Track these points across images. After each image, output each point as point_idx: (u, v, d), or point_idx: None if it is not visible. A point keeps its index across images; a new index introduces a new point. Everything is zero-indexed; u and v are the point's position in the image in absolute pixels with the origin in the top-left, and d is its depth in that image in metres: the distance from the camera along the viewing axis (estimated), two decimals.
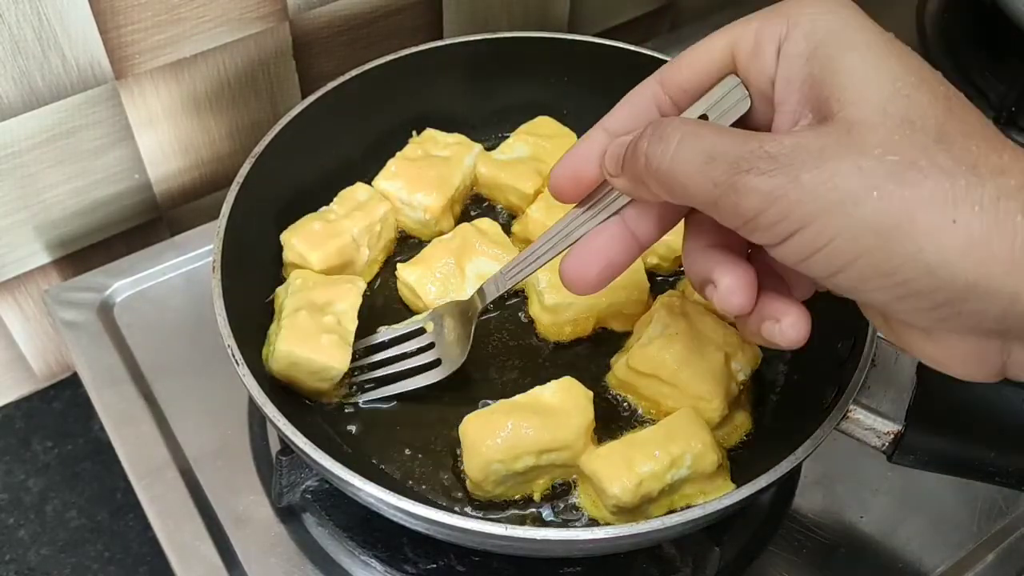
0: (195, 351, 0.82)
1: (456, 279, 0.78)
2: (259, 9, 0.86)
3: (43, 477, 0.92)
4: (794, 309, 0.51)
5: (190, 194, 0.96)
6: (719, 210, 0.47)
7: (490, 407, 0.69)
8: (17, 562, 0.87)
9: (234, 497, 0.75)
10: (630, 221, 0.56)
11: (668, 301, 0.75)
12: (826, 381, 0.69)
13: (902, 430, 0.65)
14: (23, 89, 0.77)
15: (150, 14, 0.80)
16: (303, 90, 0.96)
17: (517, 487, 0.69)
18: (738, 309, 0.51)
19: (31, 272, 0.90)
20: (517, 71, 0.91)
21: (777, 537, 0.76)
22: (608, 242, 0.56)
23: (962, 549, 0.76)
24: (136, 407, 0.79)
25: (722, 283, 0.51)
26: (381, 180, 0.83)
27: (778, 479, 0.61)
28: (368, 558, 0.72)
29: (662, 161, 0.48)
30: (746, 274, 0.51)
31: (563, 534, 0.59)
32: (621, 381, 0.75)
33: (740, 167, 0.45)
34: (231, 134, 0.94)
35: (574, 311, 0.77)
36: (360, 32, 0.95)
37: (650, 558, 0.71)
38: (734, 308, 0.51)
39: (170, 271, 0.88)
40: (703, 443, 0.67)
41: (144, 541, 0.88)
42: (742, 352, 0.73)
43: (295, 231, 0.78)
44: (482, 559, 0.71)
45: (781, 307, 0.51)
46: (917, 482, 0.78)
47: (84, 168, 0.86)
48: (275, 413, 0.62)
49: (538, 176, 0.85)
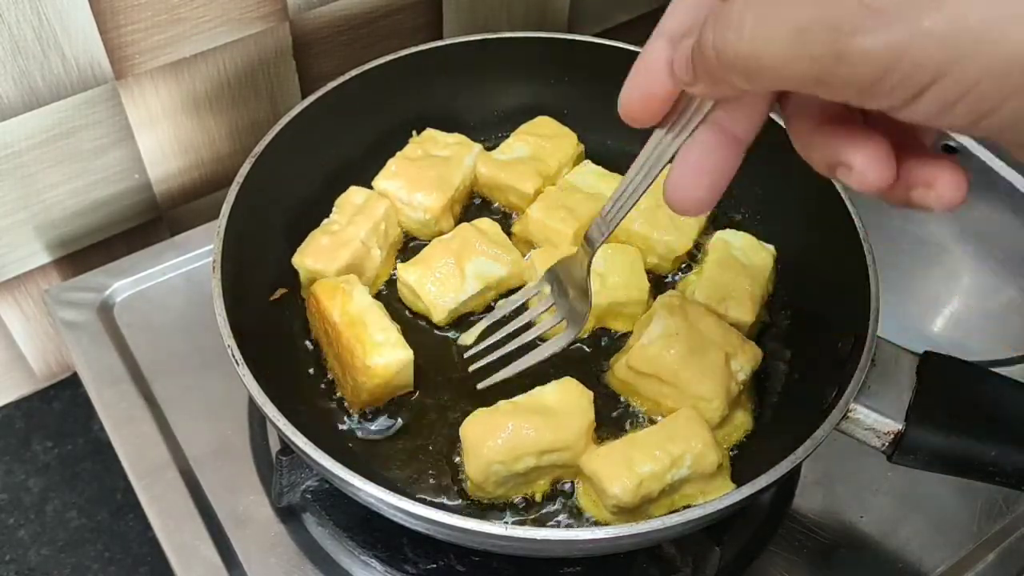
0: (195, 351, 0.82)
1: (456, 279, 0.78)
2: (259, 9, 0.86)
3: (43, 477, 0.92)
4: (946, 170, 0.46)
5: (190, 194, 0.96)
6: (825, 86, 0.41)
7: (491, 408, 0.69)
8: (17, 562, 0.87)
9: (234, 497, 0.75)
10: (723, 123, 0.50)
11: (668, 301, 0.75)
12: (826, 381, 0.69)
13: (902, 430, 0.65)
14: (23, 89, 0.77)
15: (150, 14, 0.80)
16: (303, 90, 0.96)
17: (518, 488, 0.69)
18: (882, 184, 0.46)
19: (31, 272, 0.90)
20: (517, 71, 0.91)
21: (777, 537, 0.76)
22: (706, 153, 0.51)
23: (962, 549, 0.76)
24: (136, 407, 0.79)
25: (856, 162, 0.45)
26: (381, 180, 0.83)
27: (778, 479, 0.61)
28: (368, 558, 0.72)
29: (739, 49, 0.42)
30: (878, 145, 0.45)
31: (563, 534, 0.59)
32: (621, 381, 0.75)
33: (841, 31, 0.38)
34: (231, 134, 0.94)
35: None
36: (360, 32, 0.95)
37: (650, 558, 0.71)
38: (876, 185, 0.46)
39: (170, 271, 0.88)
40: (703, 443, 0.67)
41: (144, 541, 0.88)
42: (742, 352, 0.73)
43: (305, 252, 0.78)
44: (482, 559, 0.71)
45: (929, 171, 0.46)
46: (917, 482, 0.78)
47: (84, 168, 0.86)
48: (275, 413, 0.62)
49: (538, 176, 0.85)
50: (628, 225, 0.82)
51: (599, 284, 0.77)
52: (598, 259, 0.79)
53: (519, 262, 0.81)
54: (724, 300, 0.77)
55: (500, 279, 0.80)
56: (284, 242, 0.80)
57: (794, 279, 0.82)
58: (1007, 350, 0.90)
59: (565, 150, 0.88)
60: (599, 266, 0.78)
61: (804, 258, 0.81)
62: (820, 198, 0.78)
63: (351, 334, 0.71)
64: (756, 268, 0.80)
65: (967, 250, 0.99)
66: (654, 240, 0.82)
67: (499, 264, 0.80)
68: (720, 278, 0.78)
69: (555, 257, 0.78)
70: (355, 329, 0.71)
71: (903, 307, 0.93)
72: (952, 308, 0.94)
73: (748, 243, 0.82)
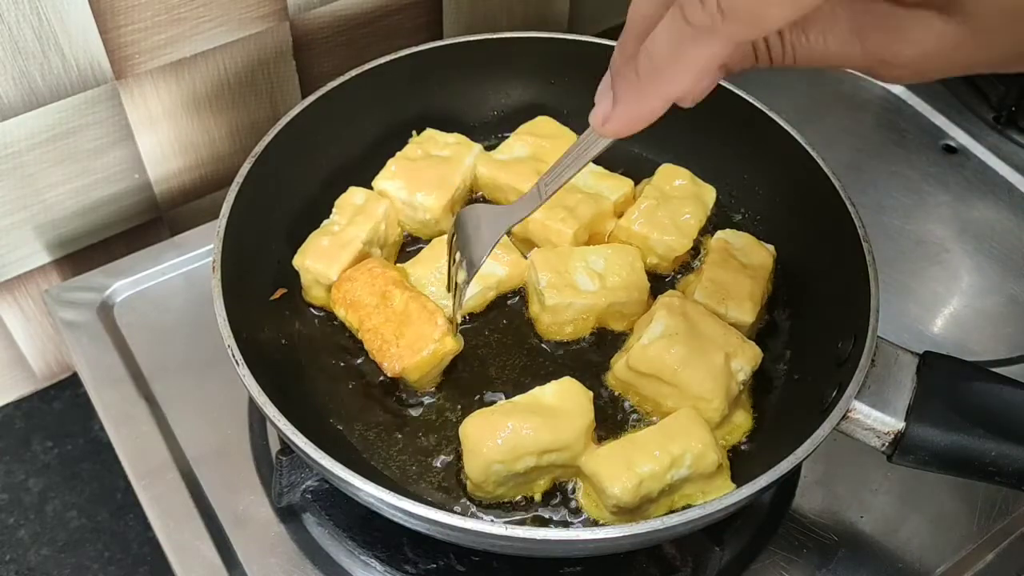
0: (195, 351, 0.82)
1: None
2: (259, 9, 0.86)
3: (43, 477, 0.92)
4: None
5: (190, 194, 0.96)
6: None
7: (490, 408, 0.69)
8: (17, 562, 0.87)
9: (234, 497, 0.75)
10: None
11: (668, 301, 0.75)
12: (826, 381, 0.69)
13: (902, 430, 0.65)
14: (23, 89, 0.77)
15: (150, 14, 0.80)
16: (303, 90, 0.96)
17: (518, 488, 0.69)
18: None
19: (31, 272, 0.90)
20: (517, 71, 0.91)
21: (777, 537, 0.76)
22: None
23: (962, 549, 0.76)
24: (136, 407, 0.79)
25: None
26: (381, 180, 0.83)
27: (778, 479, 0.61)
28: (368, 558, 0.72)
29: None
30: None
31: (563, 534, 0.59)
32: (621, 381, 0.75)
33: None
34: (231, 134, 0.94)
35: (574, 311, 0.77)
36: (360, 32, 0.95)
37: (650, 558, 0.71)
38: None
39: (170, 271, 0.88)
40: (703, 443, 0.67)
41: (144, 541, 0.88)
42: (742, 352, 0.73)
43: (305, 253, 0.78)
44: (482, 559, 0.71)
45: None
46: (917, 482, 0.78)
47: (84, 168, 0.86)
48: (275, 413, 0.62)
49: (538, 176, 0.85)
50: (628, 225, 0.82)
51: (599, 284, 0.77)
52: (598, 259, 0.79)
53: (519, 262, 0.81)
54: (724, 300, 0.77)
55: (500, 280, 0.80)
56: (284, 242, 0.80)
57: (794, 279, 0.82)
58: (1007, 350, 0.91)
59: (565, 150, 0.88)
60: (599, 266, 0.78)
61: (804, 258, 0.81)
62: (820, 198, 0.78)
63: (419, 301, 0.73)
64: (756, 268, 0.80)
65: (967, 250, 0.99)
66: (654, 240, 0.82)
67: (499, 264, 0.80)
68: (720, 278, 0.78)
69: (555, 257, 0.79)
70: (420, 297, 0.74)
71: (903, 307, 0.93)
72: (952, 308, 0.94)
73: (748, 243, 0.82)
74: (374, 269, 0.76)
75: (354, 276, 0.76)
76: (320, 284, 0.78)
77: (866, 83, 1.15)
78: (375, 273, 0.75)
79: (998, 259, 0.98)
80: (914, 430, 0.65)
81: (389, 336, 0.73)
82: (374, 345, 0.74)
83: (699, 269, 0.82)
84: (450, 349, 0.73)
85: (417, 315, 0.73)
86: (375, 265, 0.76)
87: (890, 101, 1.14)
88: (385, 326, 0.73)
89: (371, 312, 0.74)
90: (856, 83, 1.15)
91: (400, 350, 0.72)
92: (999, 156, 1.07)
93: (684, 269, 0.84)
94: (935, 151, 1.09)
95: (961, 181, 1.06)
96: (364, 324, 0.74)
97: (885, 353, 0.68)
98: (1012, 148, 1.08)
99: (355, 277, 0.76)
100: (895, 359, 0.68)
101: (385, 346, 0.73)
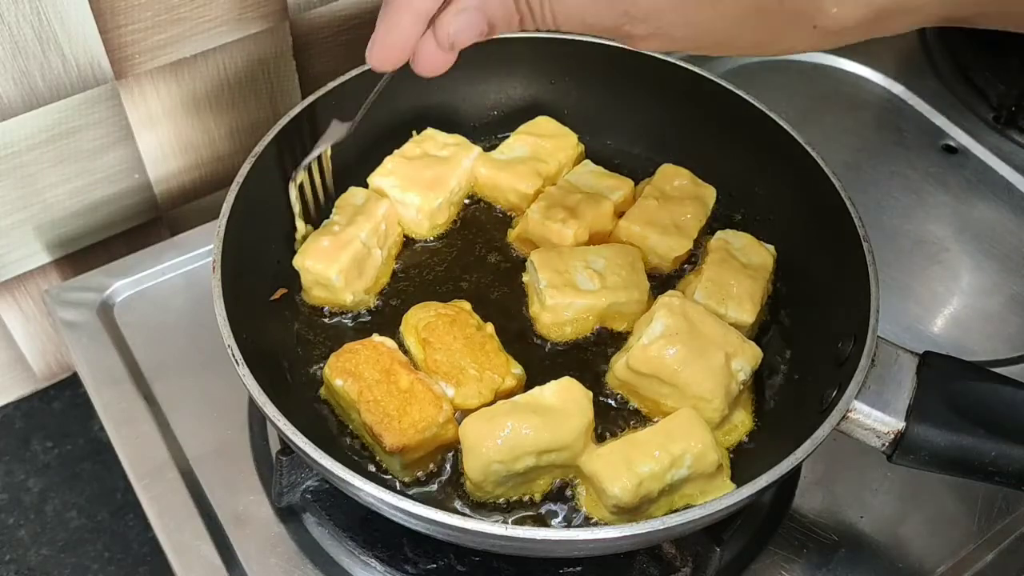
0: (195, 351, 0.82)
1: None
2: (259, 9, 0.86)
3: (43, 477, 0.92)
4: None
5: (190, 194, 0.96)
6: None
7: (490, 408, 0.69)
8: (17, 562, 0.87)
9: (234, 497, 0.75)
10: None
11: (668, 301, 0.75)
12: (826, 381, 0.69)
13: (902, 430, 0.65)
14: (23, 89, 0.77)
15: (150, 14, 0.80)
16: (303, 90, 0.96)
17: (517, 488, 0.69)
18: None
19: (31, 272, 0.90)
20: (517, 71, 0.91)
21: (777, 537, 0.76)
22: None
23: (962, 549, 0.76)
24: (136, 407, 0.79)
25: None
26: (376, 176, 0.83)
27: (778, 479, 0.61)
28: (368, 558, 0.72)
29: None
30: None
31: (563, 534, 0.59)
32: (621, 381, 0.75)
33: None
34: (231, 134, 0.94)
35: (574, 311, 0.77)
36: (360, 32, 0.95)
37: (650, 558, 0.71)
38: None
39: (170, 271, 0.88)
40: (703, 443, 0.67)
41: (144, 541, 0.88)
42: (742, 352, 0.73)
43: (306, 253, 0.78)
44: (482, 559, 0.71)
45: None
46: (917, 482, 0.78)
47: (84, 168, 0.86)
48: (275, 413, 0.62)
49: (538, 176, 0.85)
50: (628, 225, 0.82)
51: (599, 284, 0.77)
52: (598, 259, 0.79)
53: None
54: (724, 300, 0.77)
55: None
56: (284, 242, 0.80)
57: (794, 279, 0.82)
58: (1007, 350, 0.91)
59: (565, 150, 0.88)
60: (599, 266, 0.78)
61: (804, 258, 0.81)
62: (820, 198, 0.78)
63: (425, 384, 0.72)
64: (756, 268, 0.80)
65: (967, 250, 0.99)
66: (654, 240, 0.82)
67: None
68: (720, 278, 0.78)
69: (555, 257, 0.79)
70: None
71: (903, 307, 0.93)
72: (952, 308, 0.94)
73: (748, 243, 0.82)
74: (380, 347, 0.74)
75: (356, 348, 0.74)
76: (320, 284, 0.78)
77: (866, 83, 1.15)
78: (381, 351, 0.73)
79: (998, 259, 0.98)
80: (914, 430, 0.65)
81: (392, 411, 0.71)
82: (374, 417, 0.71)
83: (699, 269, 0.82)
84: (451, 437, 0.71)
85: (423, 395, 0.71)
86: (381, 343, 0.74)
87: (890, 101, 1.14)
88: (388, 400, 0.71)
89: (372, 385, 0.72)
90: (856, 83, 1.15)
91: (403, 426, 0.70)
92: (999, 156, 1.08)
93: (684, 269, 0.84)
94: (935, 151, 1.09)
95: (961, 181, 1.06)
96: (364, 396, 0.72)
97: (885, 353, 0.68)
98: (1012, 148, 1.08)
99: (358, 350, 0.74)
100: (895, 359, 0.68)
101: (387, 420, 0.71)
